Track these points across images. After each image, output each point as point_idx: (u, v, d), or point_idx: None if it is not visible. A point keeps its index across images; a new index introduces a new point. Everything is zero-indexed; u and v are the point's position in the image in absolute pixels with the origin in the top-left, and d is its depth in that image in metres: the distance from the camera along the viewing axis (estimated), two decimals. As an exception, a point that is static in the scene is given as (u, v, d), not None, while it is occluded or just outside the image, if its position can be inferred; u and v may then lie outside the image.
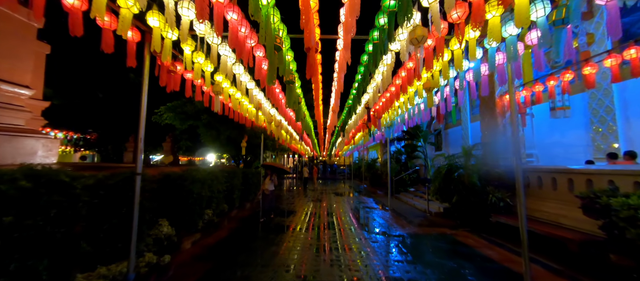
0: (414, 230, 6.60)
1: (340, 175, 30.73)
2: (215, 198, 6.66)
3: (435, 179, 7.49)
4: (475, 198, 6.43)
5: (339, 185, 20.17)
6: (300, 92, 6.49)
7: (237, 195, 8.37)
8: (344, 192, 15.45)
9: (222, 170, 7.15)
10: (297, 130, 10.17)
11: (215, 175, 6.64)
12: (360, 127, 8.40)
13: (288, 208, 9.80)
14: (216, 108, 5.21)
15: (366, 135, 11.06)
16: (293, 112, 7.24)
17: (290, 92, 4.24)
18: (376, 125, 6.98)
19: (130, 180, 3.57)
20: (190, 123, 10.03)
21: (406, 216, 8.32)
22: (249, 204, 10.00)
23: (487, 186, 6.45)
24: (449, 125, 15.11)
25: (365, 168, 19.27)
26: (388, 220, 7.80)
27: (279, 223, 7.40)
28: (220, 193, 6.97)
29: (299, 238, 5.98)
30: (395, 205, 10.24)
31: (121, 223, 3.51)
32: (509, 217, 5.98)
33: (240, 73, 4.79)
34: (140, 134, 3.60)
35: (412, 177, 12.72)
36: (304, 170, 18.12)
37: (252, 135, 10.22)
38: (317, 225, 7.24)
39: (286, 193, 14.46)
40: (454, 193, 6.97)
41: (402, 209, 9.48)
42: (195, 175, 5.34)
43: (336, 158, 38.49)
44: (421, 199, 10.22)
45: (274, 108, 7.50)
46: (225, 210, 7.63)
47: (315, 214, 8.70)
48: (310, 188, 17.34)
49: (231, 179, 7.94)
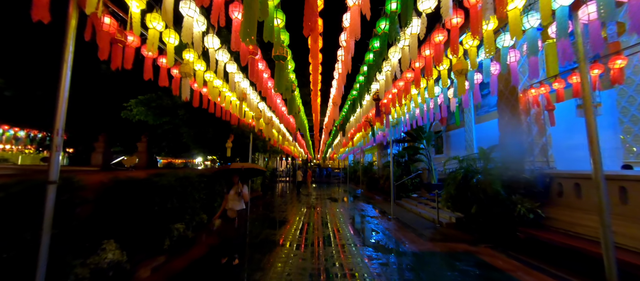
0: (427, 247, 5.58)
1: (334, 179, 29.72)
2: (189, 208, 5.50)
3: (448, 185, 6.52)
4: (498, 209, 5.48)
5: (334, 190, 19.13)
6: (294, 78, 5.44)
7: (219, 202, 7.19)
8: (340, 198, 14.39)
9: (201, 174, 6.01)
10: (290, 129, 9.09)
11: (190, 180, 5.49)
12: (363, 125, 7.42)
13: (279, 217, 8.67)
14: (184, 95, 4.07)
15: (367, 136, 10.06)
16: (284, 105, 6.15)
17: (281, 72, 3.18)
18: (384, 118, 5.98)
19: (39, 192, 2.42)
20: (167, 119, 8.79)
21: (414, 227, 7.31)
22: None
23: (513, 194, 5.51)
24: (451, 127, 14.31)
25: (362, 172, 18.30)
26: (394, 233, 6.77)
27: (268, 238, 6.28)
28: (197, 202, 5.81)
29: (290, 258, 4.88)
30: (398, 213, 9.24)
31: (20, 257, 2.35)
32: (541, 231, 5.04)
33: (216, 49, 3.70)
34: (57, 124, 2.49)
35: (414, 182, 11.78)
36: (298, 173, 17.06)
37: (240, 134, 9.08)
38: (311, 240, 6.14)
39: (278, 199, 13.32)
40: (471, 202, 6.00)
41: (407, 218, 8.48)
42: (158, 182, 4.19)
43: (331, 161, 37.50)
44: (427, 206, 9.26)
45: (262, 102, 6.42)
46: (204, 221, 6.46)
47: (309, 225, 7.60)
48: (304, 192, 16.26)
49: (212, 185, 6.78)
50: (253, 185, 13.50)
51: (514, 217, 5.28)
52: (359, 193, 16.76)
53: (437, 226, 7.35)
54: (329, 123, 7.75)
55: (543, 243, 4.86)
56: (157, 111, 8.35)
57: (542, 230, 5.09)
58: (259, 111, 6.29)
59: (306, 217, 8.72)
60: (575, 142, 7.49)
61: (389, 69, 4.35)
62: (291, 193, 16.03)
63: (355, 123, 7.67)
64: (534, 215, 5.18)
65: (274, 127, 9.20)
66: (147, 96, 8.47)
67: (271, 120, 7.40)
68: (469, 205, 6.10)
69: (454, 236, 6.33)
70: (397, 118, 7.05)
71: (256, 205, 10.96)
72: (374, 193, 15.84)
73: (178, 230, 4.92)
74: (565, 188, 5.19)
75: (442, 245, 5.74)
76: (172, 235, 4.78)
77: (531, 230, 5.13)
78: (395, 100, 5.16)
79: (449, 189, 6.40)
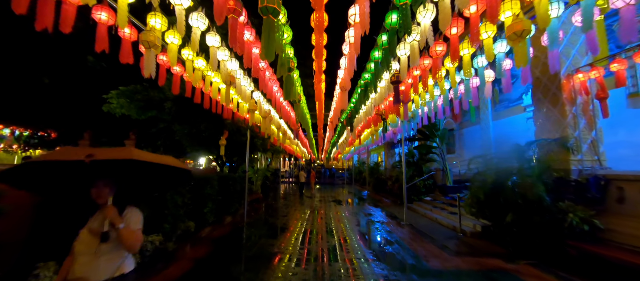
0: (454, 263, 4.63)
1: (339, 180, 28.77)
2: (170, 216, 4.65)
3: (475, 189, 5.56)
4: (542, 218, 4.50)
5: (338, 191, 18.20)
6: (292, 54, 4.54)
7: (210, 208, 6.35)
8: (346, 200, 13.46)
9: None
10: (291, 124, 8.21)
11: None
12: (373, 119, 6.53)
13: (280, 223, 7.79)
14: (147, 71, 3.19)
15: (376, 132, 9.14)
16: (280, 90, 5.25)
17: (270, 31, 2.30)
18: (402, 108, 5.06)
19: None
20: (153, 114, 7.95)
21: (432, 236, 6.36)
22: (230, 218, 7.96)
23: (560, 201, 4.54)
24: (465, 124, 13.28)
25: (368, 173, 17.33)
26: (410, 243, 5.83)
27: (265, 249, 5.40)
28: (180, 208, 4.96)
29: (288, 278, 3.99)
30: (412, 218, 8.28)
31: None
32: (599, 247, 4.06)
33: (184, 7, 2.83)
34: None
35: (427, 184, 10.78)
36: (301, 174, 16.17)
37: (235, 131, 8.23)
38: (315, 252, 5.24)
39: (280, 201, 12.45)
40: (504, 208, 5.03)
41: (422, 225, 7.51)
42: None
43: (335, 162, 36.58)
44: (443, 211, 8.29)
45: (258, 92, 5.54)
46: (191, 230, 5.61)
47: (312, 233, 6.70)
48: (307, 194, 15.37)
49: (201, 188, 5.93)
50: (253, 186, 12.67)
51: (563, 228, 4.30)
52: (365, 195, 15.82)
53: (459, 235, 6.38)
54: (334, 118, 6.84)
55: (603, 261, 3.88)
56: (142, 104, 7.51)
57: (601, 245, 4.11)
58: (254, 102, 5.43)
59: (309, 223, 7.82)
60: (621, 139, 6.44)
61: (416, 38, 3.41)
62: (294, 195, 15.16)
63: (365, 117, 6.74)
64: (589, 227, 4.20)
65: (273, 123, 8.33)
66: (130, 87, 7.64)
67: (269, 114, 6.53)
68: (501, 212, 5.14)
69: (482, 249, 5.36)
70: (415, 109, 6.12)
71: (255, 209, 10.11)
72: (382, 195, 14.87)
73: (153, 243, 4.06)
74: (629, 194, 4.20)
75: (471, 260, 4.78)
76: (144, 249, 3.92)
77: (586, 245, 4.15)
78: (419, 85, 4.24)
79: (477, 193, 5.44)
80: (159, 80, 4.57)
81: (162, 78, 4.54)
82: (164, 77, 4.59)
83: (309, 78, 8.65)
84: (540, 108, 5.65)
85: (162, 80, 4.55)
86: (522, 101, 10.00)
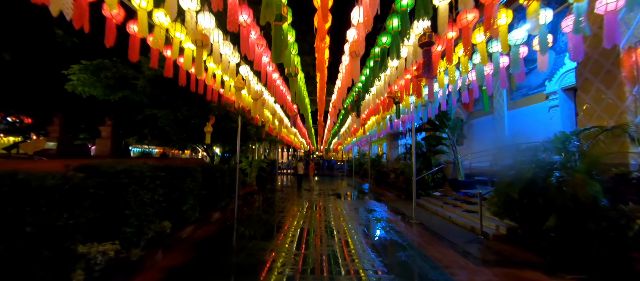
0: (487, 277, 3.77)
1: (338, 172, 28.01)
2: (134, 217, 3.73)
3: (505, 185, 4.66)
4: (596, 224, 3.62)
5: (338, 184, 17.40)
6: (292, 32, 3.57)
7: (191, 204, 5.43)
8: (346, 194, 12.63)
9: (155, 166, 4.21)
10: (287, 109, 7.23)
11: (133, 176, 3.69)
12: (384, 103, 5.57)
13: (273, 221, 6.91)
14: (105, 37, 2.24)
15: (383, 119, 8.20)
16: (274, 69, 4.23)
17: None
18: (426, 83, 4.10)
19: None
20: (125, 94, 6.88)
21: (449, 239, 5.50)
22: (219, 214, 7.08)
23: (619, 202, 3.65)
24: (475, 114, 12.34)
25: (370, 165, 16.48)
26: (425, 248, 4.97)
27: (253, 254, 4.52)
28: (149, 207, 4.03)
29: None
30: (421, 216, 7.43)
31: None
32: (677, 264, 3.19)
33: None
34: None
35: (436, 178, 9.92)
36: (299, 165, 15.29)
37: (223, 116, 7.23)
38: (313, 260, 4.37)
39: (276, 194, 11.59)
40: (545, 210, 4.15)
41: (434, 224, 6.66)
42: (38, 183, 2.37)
43: (334, 154, 35.77)
44: (457, 209, 7.44)
45: (246, 66, 4.53)
46: (167, 231, 4.71)
47: (310, 234, 5.83)
48: (305, 187, 14.53)
49: (179, 181, 4.99)
50: (247, 178, 11.78)
51: (626, 238, 3.42)
52: (367, 188, 15.02)
53: (480, 238, 5.53)
54: (338, 101, 5.87)
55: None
56: (111, 82, 6.41)
57: (676, 260, 3.24)
58: (241, 78, 4.42)
59: (307, 221, 6.96)
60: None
61: None
62: (291, 188, 14.32)
63: (375, 100, 5.73)
64: (661, 236, 3.32)
65: (267, 108, 7.34)
66: (95, 61, 6.52)
67: (261, 95, 5.54)
68: (538, 213, 4.26)
69: (513, 257, 4.50)
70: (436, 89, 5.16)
71: (249, 203, 9.24)
72: (384, 188, 14.07)
73: (105, 253, 3.14)
74: None
75: (504, 272, 3.92)
76: (91, 262, 3.00)
77: (656, 260, 3.28)
78: (452, 51, 3.25)
79: (506, 190, 4.54)
80: (130, 54, 3.60)
81: (134, 51, 3.58)
82: (136, 50, 3.63)
83: (308, 55, 7.61)
84: (587, 91, 4.70)
85: (134, 54, 3.59)
86: (545, 88, 9.03)
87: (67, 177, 2.55)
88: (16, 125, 11.32)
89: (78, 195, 2.66)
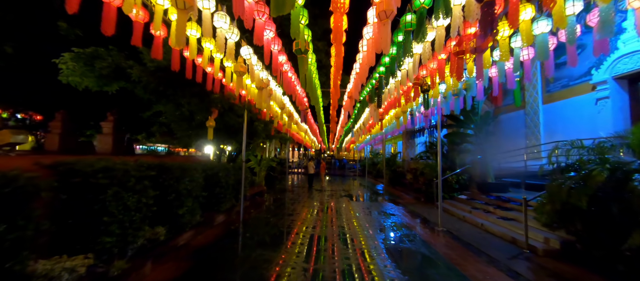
0: (550, 311, 2.93)
1: (350, 172, 27.17)
2: (116, 224, 3.16)
3: (567, 191, 3.77)
4: None
5: (350, 184, 16.61)
6: None
7: (189, 207, 4.86)
8: (360, 195, 11.85)
9: (143, 164, 3.64)
10: (298, 103, 6.55)
11: (113, 175, 3.12)
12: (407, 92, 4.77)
13: (281, 225, 6.24)
14: None
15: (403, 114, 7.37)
16: (281, 50, 3.53)
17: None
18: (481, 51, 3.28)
19: None
20: (121, 85, 6.41)
21: (486, 252, 4.65)
22: (223, 216, 6.52)
23: None
24: (505, 109, 11.19)
25: (384, 165, 15.58)
26: (461, 264, 4.15)
27: (256, 267, 3.88)
28: (133, 212, 3.46)
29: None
30: (447, 222, 6.57)
31: None
32: None
33: None
34: None
35: (461, 179, 8.97)
36: (309, 164, 14.64)
37: (227, 110, 6.64)
38: (326, 277, 3.67)
39: (287, 195, 10.97)
40: (624, 224, 3.26)
41: (465, 233, 5.79)
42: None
43: (346, 153, 34.94)
44: (490, 216, 6.52)
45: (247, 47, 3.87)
46: (160, 238, 4.15)
47: (321, 243, 5.13)
48: (316, 187, 13.85)
49: (176, 182, 4.42)
50: (255, 178, 11.24)
51: None
52: (381, 189, 14.16)
53: (525, 253, 4.63)
54: (355, 90, 5.09)
55: None
56: (105, 72, 5.92)
57: None
58: (242, 62, 3.77)
59: (318, 226, 6.27)
60: None
61: None
62: (302, 188, 13.68)
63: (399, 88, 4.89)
64: None
65: (275, 101, 6.67)
66: (90, 49, 6.06)
67: (267, 84, 4.87)
68: (611, 227, 3.36)
69: (575, 280, 3.62)
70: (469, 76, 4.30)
71: (256, 205, 8.66)
72: (400, 189, 13.19)
73: (72, 270, 2.57)
74: None
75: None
76: (53, 282, 2.43)
77: None
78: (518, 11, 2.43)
79: (571, 197, 3.65)
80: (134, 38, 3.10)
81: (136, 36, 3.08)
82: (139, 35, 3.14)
83: (321, 40, 6.91)
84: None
85: (137, 38, 3.10)
86: (591, 77, 7.89)
87: (9, 177, 1.98)
88: (26, 123, 11.36)
89: (24, 201, 2.09)
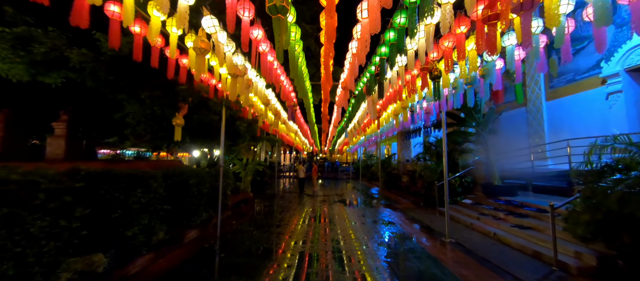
0: None
1: (343, 174, 26.35)
2: (8, 260, 2.19)
3: (609, 199, 3.05)
4: None
5: (343, 188, 15.78)
6: None
7: (144, 226, 3.87)
8: (355, 200, 11.01)
9: (60, 173, 2.69)
10: (285, 97, 5.67)
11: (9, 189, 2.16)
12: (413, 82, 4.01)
13: (269, 241, 5.27)
14: None
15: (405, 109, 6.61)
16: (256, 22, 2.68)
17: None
18: None
19: None
20: (64, 75, 5.27)
21: (507, 270, 3.88)
22: (195, 232, 5.53)
23: None
24: (506, 107, 10.62)
25: (379, 167, 14.83)
26: (483, 290, 3.35)
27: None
28: (43, 241, 2.49)
29: None
30: (455, 231, 5.79)
31: None
32: None
33: None
34: None
35: (465, 182, 8.28)
36: (299, 168, 13.76)
37: (200, 106, 5.65)
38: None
39: (275, 202, 10.00)
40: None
41: (477, 245, 5.02)
42: None
43: (338, 155, 34.16)
44: (501, 223, 5.79)
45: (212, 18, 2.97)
46: (98, 269, 3.17)
47: (313, 262, 4.24)
48: (308, 192, 12.95)
49: (124, 192, 3.45)
50: (240, 184, 10.26)
51: None
52: (376, 193, 13.39)
53: (555, 270, 3.88)
54: (349, 79, 4.26)
55: None
56: (39, 58, 4.76)
57: None
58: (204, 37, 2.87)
59: (309, 240, 5.37)
60: None
61: None
62: (292, 193, 12.75)
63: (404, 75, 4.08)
64: None
65: (258, 96, 5.78)
66: (19, 29, 4.92)
67: (244, 72, 3.97)
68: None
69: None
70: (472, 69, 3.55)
71: (239, 214, 7.69)
72: (396, 193, 12.46)
73: None
74: None
75: None
76: None
77: None
78: None
79: (631, 207, 2.92)
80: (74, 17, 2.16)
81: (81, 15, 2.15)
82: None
83: (310, 23, 6.07)
84: None
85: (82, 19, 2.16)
86: (600, 71, 7.36)
87: None
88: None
89: None
